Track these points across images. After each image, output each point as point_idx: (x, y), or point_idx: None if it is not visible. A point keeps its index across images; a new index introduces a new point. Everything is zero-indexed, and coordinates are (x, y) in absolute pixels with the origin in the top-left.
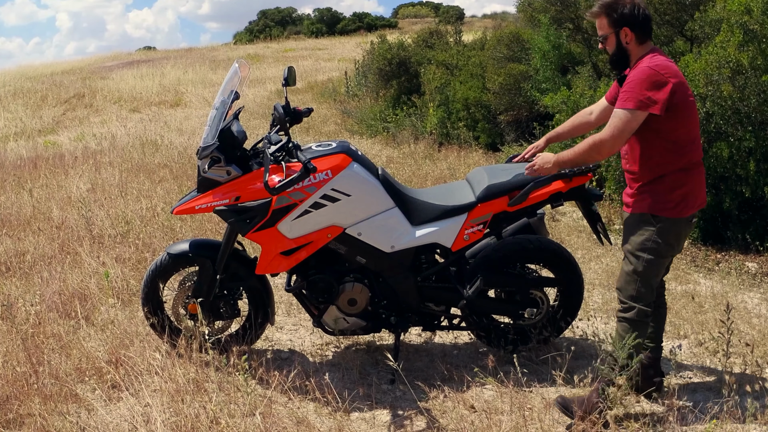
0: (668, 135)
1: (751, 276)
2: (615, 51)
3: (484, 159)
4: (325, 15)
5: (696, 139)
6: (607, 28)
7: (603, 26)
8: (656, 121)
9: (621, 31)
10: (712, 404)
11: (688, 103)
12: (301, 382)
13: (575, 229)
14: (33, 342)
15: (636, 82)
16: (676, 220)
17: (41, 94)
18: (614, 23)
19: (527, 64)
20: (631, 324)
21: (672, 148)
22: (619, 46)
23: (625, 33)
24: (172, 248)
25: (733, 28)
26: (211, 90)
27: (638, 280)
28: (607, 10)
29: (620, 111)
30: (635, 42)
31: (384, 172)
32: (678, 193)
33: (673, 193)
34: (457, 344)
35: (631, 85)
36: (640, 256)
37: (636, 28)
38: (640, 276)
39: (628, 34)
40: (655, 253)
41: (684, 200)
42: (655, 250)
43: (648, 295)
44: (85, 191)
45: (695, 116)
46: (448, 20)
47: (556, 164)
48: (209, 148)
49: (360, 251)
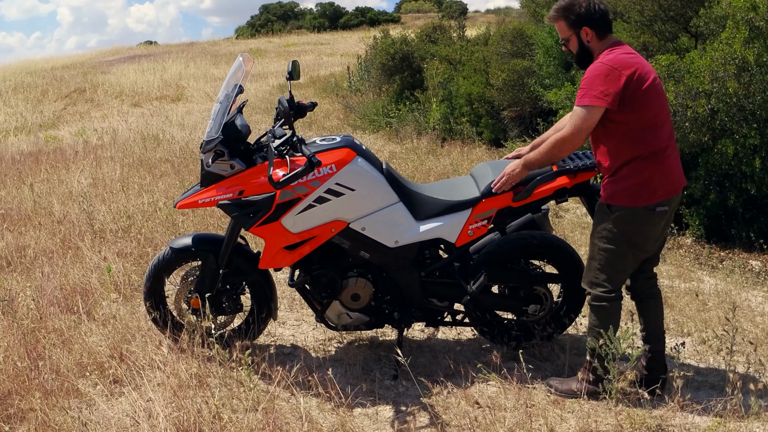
0: (622, 125)
1: (755, 274)
2: (578, 51)
3: (488, 154)
4: (327, 10)
5: (658, 127)
6: (567, 31)
7: (563, 29)
8: (611, 113)
9: (581, 32)
10: (715, 402)
11: (646, 90)
12: (303, 378)
13: (579, 226)
14: (34, 337)
15: (589, 78)
16: (633, 209)
17: (42, 89)
18: (573, 24)
19: (531, 60)
20: (592, 309)
21: (627, 138)
22: (581, 45)
23: (586, 32)
24: (175, 242)
25: (739, 24)
26: (212, 85)
27: (596, 268)
28: (564, 13)
29: (578, 108)
30: (596, 39)
31: (388, 167)
32: (632, 182)
33: (628, 181)
34: (460, 340)
35: (585, 82)
36: (596, 243)
37: (594, 25)
38: (597, 263)
39: (588, 32)
40: (611, 242)
41: (640, 189)
42: (610, 239)
43: (606, 283)
44: (86, 186)
45: (657, 103)
46: (451, 15)
47: (524, 167)
48: (213, 141)
49: (364, 246)
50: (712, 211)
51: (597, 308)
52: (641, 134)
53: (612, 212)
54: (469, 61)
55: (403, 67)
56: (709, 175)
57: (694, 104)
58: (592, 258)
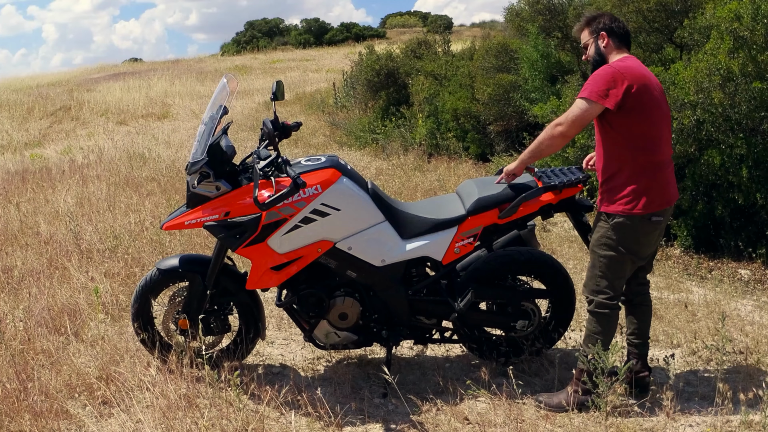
0: (623, 131)
1: (744, 283)
2: (594, 55)
3: (474, 170)
4: (312, 25)
5: (657, 139)
6: (587, 37)
7: (585, 36)
8: (611, 116)
9: (599, 36)
10: (705, 413)
11: (647, 101)
12: (293, 397)
13: (566, 240)
14: (22, 358)
15: (595, 77)
16: (631, 217)
17: (27, 107)
18: (594, 31)
19: (516, 74)
20: (593, 316)
21: (627, 145)
22: (597, 50)
23: (602, 37)
24: (162, 263)
25: (723, 34)
26: (198, 102)
27: (597, 275)
28: (589, 22)
29: (578, 100)
30: (612, 46)
31: (373, 186)
32: (631, 189)
33: (626, 188)
34: (449, 357)
35: (590, 79)
36: (596, 251)
37: (612, 35)
38: (598, 270)
39: (605, 39)
40: (611, 249)
41: (638, 197)
42: (610, 246)
43: (608, 289)
44: (72, 205)
45: (657, 115)
46: (437, 30)
47: (521, 162)
48: (198, 163)
49: (350, 265)
50: (700, 221)
51: (599, 315)
52: (641, 143)
53: (610, 220)
54: (455, 76)
55: (388, 82)
56: (696, 185)
57: (680, 115)
58: (593, 266)
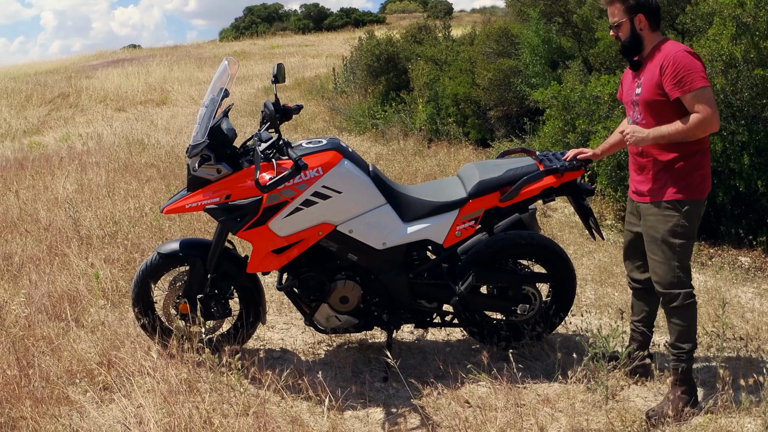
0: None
1: (744, 270)
2: (629, 37)
3: (474, 155)
4: (312, 11)
5: None
6: (621, 15)
7: (616, 13)
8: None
9: (636, 18)
10: (706, 398)
11: None
12: (293, 381)
13: (567, 225)
14: (23, 345)
15: (685, 64)
16: (698, 201)
17: (26, 94)
18: (629, 9)
19: (517, 59)
20: (684, 310)
21: None
22: (633, 32)
23: (639, 19)
24: (162, 248)
25: (726, 20)
26: (197, 88)
27: (676, 267)
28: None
29: (698, 91)
30: (648, 29)
31: (375, 169)
32: (698, 174)
33: (694, 174)
34: (449, 341)
35: (683, 68)
36: (673, 242)
37: (649, 14)
38: (677, 262)
39: (642, 20)
40: (686, 236)
41: (703, 180)
42: (685, 234)
43: (687, 277)
44: (71, 192)
45: None
46: (437, 15)
47: (648, 137)
48: (199, 146)
49: (351, 248)
50: None
51: (688, 307)
52: None
53: (681, 207)
54: (455, 61)
55: (388, 68)
56: None
57: None
58: (669, 258)
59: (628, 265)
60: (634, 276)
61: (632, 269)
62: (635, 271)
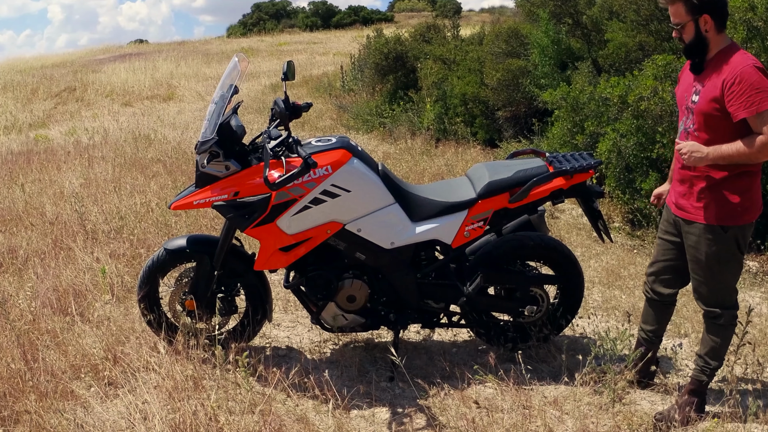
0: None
1: (752, 275)
2: (693, 39)
3: (482, 155)
4: (320, 8)
5: None
6: (684, 16)
7: (679, 14)
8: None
9: (701, 19)
10: (713, 403)
11: None
12: (300, 379)
13: (575, 227)
14: (27, 338)
15: (753, 82)
16: (745, 227)
17: (32, 88)
18: (693, 10)
19: (526, 60)
20: (724, 329)
21: None
22: (698, 34)
23: (705, 20)
24: (170, 244)
25: (737, 24)
26: (204, 84)
27: (724, 289)
28: None
29: (763, 114)
30: (714, 30)
31: (384, 168)
32: (746, 197)
33: (742, 198)
34: (456, 342)
35: (750, 87)
36: (721, 266)
37: (716, 15)
38: (725, 285)
39: (708, 21)
40: (733, 260)
41: (752, 204)
42: (731, 258)
43: (732, 298)
44: (77, 186)
45: None
46: (446, 14)
47: (707, 157)
48: (208, 142)
49: (359, 247)
50: None
51: (728, 328)
52: None
53: (727, 232)
54: (464, 61)
55: (396, 66)
56: None
57: None
58: (716, 280)
59: (652, 277)
60: (657, 289)
61: (655, 281)
62: (659, 284)
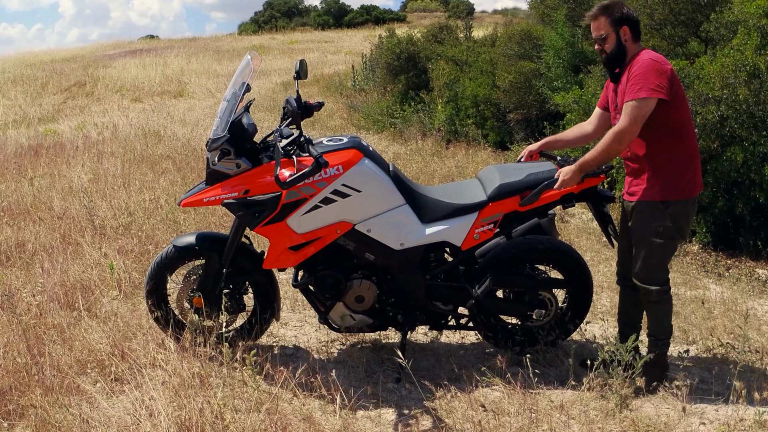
0: (671, 121)
1: (762, 283)
2: (614, 49)
3: (493, 157)
4: (332, 7)
5: (692, 127)
6: (607, 28)
7: (603, 26)
8: (663, 107)
9: (621, 30)
10: (720, 410)
11: (682, 92)
12: (306, 379)
13: (584, 231)
14: (34, 333)
15: (643, 73)
16: (685, 201)
17: (41, 82)
18: (615, 22)
19: (538, 62)
20: (657, 305)
21: (675, 134)
22: (618, 43)
23: (624, 31)
24: (179, 240)
25: (751, 31)
26: (214, 81)
27: (655, 265)
28: (608, 11)
29: (633, 101)
30: (632, 40)
31: (395, 169)
32: (687, 174)
33: (682, 175)
34: (463, 344)
35: (638, 77)
36: (652, 241)
37: (632, 26)
38: (655, 260)
39: (626, 32)
40: (669, 237)
41: (691, 181)
42: (668, 234)
43: (665, 275)
44: (86, 181)
45: (686, 105)
46: (458, 15)
47: (579, 170)
48: (219, 140)
49: (369, 248)
50: (720, 218)
51: (664, 302)
52: (684, 129)
53: (666, 207)
54: (476, 63)
55: (408, 67)
56: (717, 182)
57: (704, 110)
58: (649, 256)
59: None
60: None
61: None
62: (620, 266)
